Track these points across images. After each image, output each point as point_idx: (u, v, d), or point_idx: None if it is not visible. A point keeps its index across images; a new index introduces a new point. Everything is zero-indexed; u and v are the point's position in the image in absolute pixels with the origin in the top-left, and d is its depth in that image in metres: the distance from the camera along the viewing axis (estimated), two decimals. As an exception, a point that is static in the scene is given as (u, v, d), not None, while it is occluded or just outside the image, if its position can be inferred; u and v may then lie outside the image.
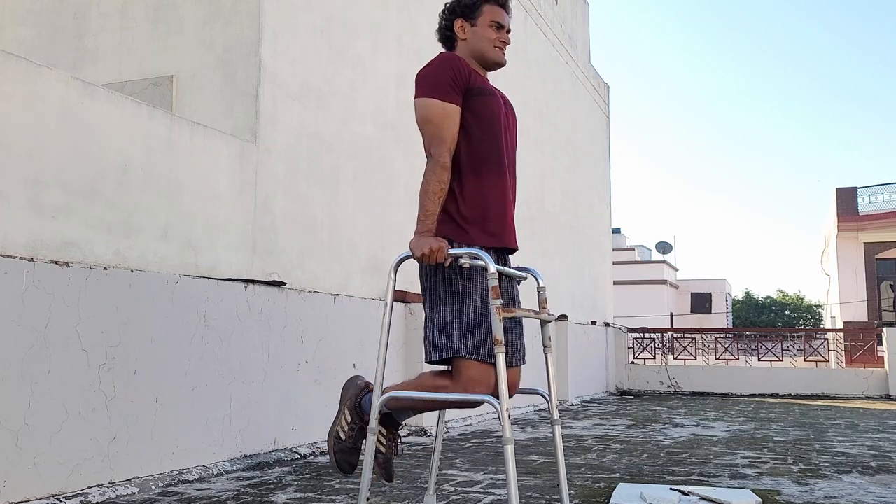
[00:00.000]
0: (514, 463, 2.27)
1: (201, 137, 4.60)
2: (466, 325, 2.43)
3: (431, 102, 2.56)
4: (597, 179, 13.10)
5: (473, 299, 2.47)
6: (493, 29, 2.71)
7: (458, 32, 2.73)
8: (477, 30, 2.71)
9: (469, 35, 2.72)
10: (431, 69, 2.61)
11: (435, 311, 2.50)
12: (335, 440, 2.71)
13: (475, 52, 2.72)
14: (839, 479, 4.45)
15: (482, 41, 2.71)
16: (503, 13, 2.74)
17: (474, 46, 2.72)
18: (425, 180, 2.51)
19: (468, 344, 2.42)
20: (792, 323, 50.96)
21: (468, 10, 2.72)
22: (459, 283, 2.48)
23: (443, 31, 2.78)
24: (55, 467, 3.48)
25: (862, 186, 24.32)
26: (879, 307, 22.17)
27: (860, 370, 12.48)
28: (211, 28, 5.21)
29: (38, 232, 3.58)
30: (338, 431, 2.70)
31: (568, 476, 4.33)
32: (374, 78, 6.34)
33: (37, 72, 3.66)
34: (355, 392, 2.74)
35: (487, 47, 2.71)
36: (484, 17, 2.70)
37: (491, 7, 2.72)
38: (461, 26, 2.73)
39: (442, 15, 2.78)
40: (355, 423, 2.69)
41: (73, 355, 3.59)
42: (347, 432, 2.69)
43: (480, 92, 2.63)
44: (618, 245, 31.29)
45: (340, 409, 2.75)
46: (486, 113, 2.63)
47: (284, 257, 5.20)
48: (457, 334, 2.43)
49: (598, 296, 12.79)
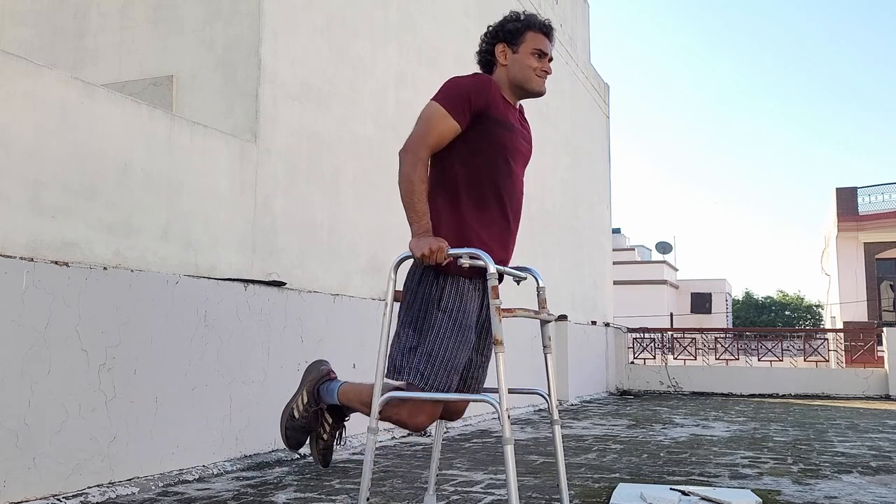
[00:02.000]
0: (514, 463, 2.27)
1: (201, 137, 4.60)
2: (429, 356, 2.44)
3: (437, 108, 2.55)
4: (597, 179, 13.10)
5: (443, 334, 2.46)
6: (534, 57, 2.67)
7: (500, 57, 2.70)
8: (518, 57, 2.67)
9: (510, 61, 2.68)
10: (458, 82, 2.59)
11: (404, 332, 2.51)
12: (289, 417, 2.79)
13: (514, 79, 2.69)
14: (839, 479, 4.45)
15: (523, 69, 2.67)
16: (546, 41, 2.70)
17: (514, 73, 2.68)
18: (408, 181, 2.50)
19: (425, 374, 2.43)
20: (792, 323, 50.96)
21: (511, 35, 2.68)
22: (435, 313, 2.47)
23: (483, 54, 2.74)
24: (55, 467, 3.48)
25: (862, 186, 24.32)
26: (879, 307, 22.17)
27: (860, 370, 12.48)
28: (211, 28, 5.21)
29: (38, 232, 3.57)
30: (292, 409, 2.79)
31: (568, 476, 4.33)
32: (374, 78, 6.34)
33: (37, 72, 3.65)
34: (317, 377, 2.80)
35: (528, 75, 2.68)
36: (526, 45, 2.67)
37: (534, 34, 2.68)
38: (503, 51, 2.69)
39: (483, 38, 2.74)
40: (310, 406, 2.77)
41: (73, 355, 3.59)
42: (302, 412, 2.77)
43: (498, 123, 2.59)
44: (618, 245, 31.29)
45: (299, 389, 2.82)
46: (493, 143, 2.58)
47: (284, 257, 5.20)
48: (417, 361, 2.44)
49: (598, 296, 12.79)
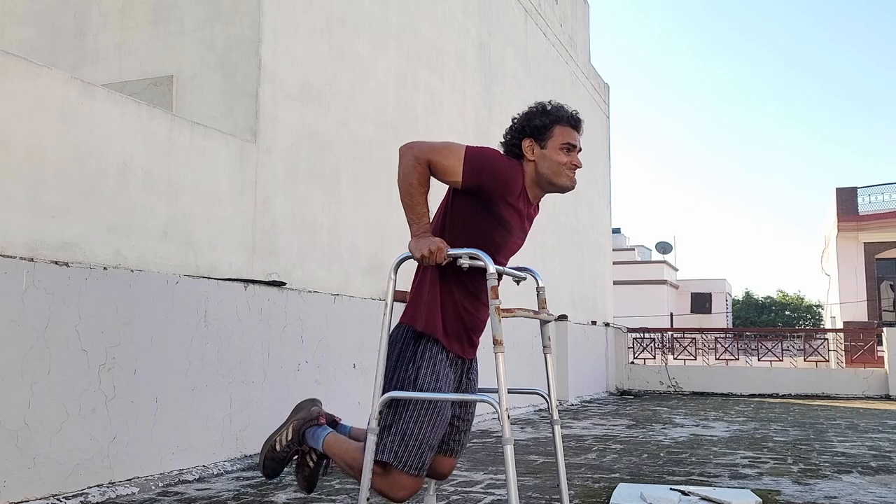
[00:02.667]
0: (514, 463, 2.27)
1: (201, 137, 4.60)
2: (402, 435, 2.44)
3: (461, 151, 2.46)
4: (597, 179, 13.10)
5: (418, 415, 2.45)
6: (563, 152, 2.56)
7: (527, 153, 2.58)
8: (546, 153, 2.56)
9: (538, 157, 2.57)
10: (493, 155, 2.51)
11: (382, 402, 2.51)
12: (270, 448, 2.79)
13: (542, 175, 2.58)
14: (839, 479, 4.45)
15: (552, 165, 2.56)
16: (575, 134, 2.59)
17: (542, 170, 2.57)
18: (406, 183, 2.47)
19: (399, 454, 2.43)
20: (792, 323, 50.94)
21: (538, 131, 2.56)
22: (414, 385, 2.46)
23: (510, 147, 2.62)
24: (55, 467, 3.48)
25: (862, 186, 24.31)
26: (879, 307, 22.17)
27: (860, 370, 12.47)
28: (211, 28, 5.21)
29: (38, 232, 3.57)
30: (275, 442, 2.79)
31: (568, 476, 4.33)
32: (374, 78, 6.34)
33: (37, 72, 3.66)
34: (306, 417, 2.80)
35: (557, 172, 2.57)
36: (554, 140, 2.56)
37: (562, 129, 2.57)
38: (530, 146, 2.57)
39: (508, 134, 2.63)
40: (293, 445, 2.78)
41: (73, 355, 3.59)
42: (284, 447, 2.78)
43: (497, 220, 2.52)
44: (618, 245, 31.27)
45: (286, 423, 2.82)
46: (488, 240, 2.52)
47: (284, 257, 5.20)
48: (391, 440, 2.45)
49: (598, 296, 12.79)
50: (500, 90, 8.97)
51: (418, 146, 2.51)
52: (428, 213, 2.51)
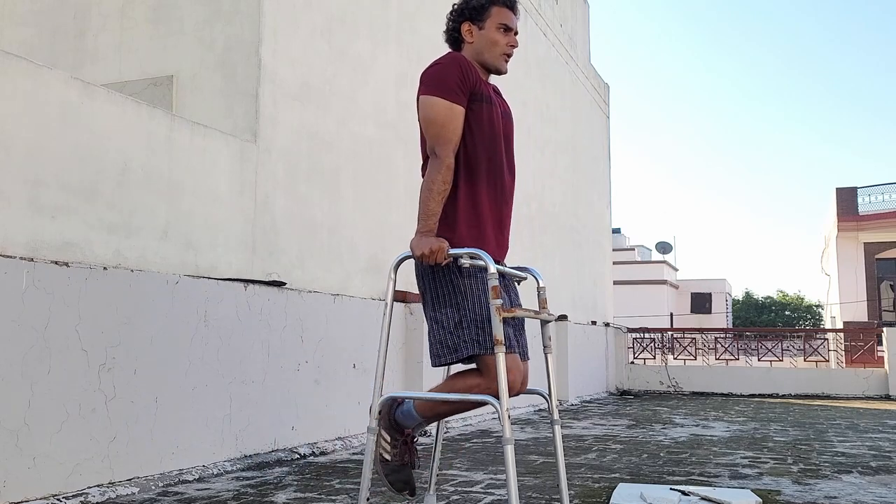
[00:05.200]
0: (514, 463, 2.27)
1: (201, 137, 4.60)
2: (475, 322, 2.43)
3: (438, 101, 2.54)
4: (597, 179, 13.10)
5: (477, 296, 2.46)
6: (500, 32, 2.67)
7: (465, 35, 2.69)
8: (484, 33, 2.67)
9: (476, 38, 2.68)
10: (440, 68, 2.58)
11: (441, 314, 2.49)
12: (381, 463, 2.65)
13: (479, 56, 2.69)
14: (839, 479, 4.45)
15: (488, 46, 2.67)
16: (511, 15, 2.70)
17: (480, 50, 2.68)
18: (429, 180, 2.50)
19: (481, 340, 2.42)
20: (792, 323, 50.95)
21: (476, 12, 2.67)
22: (460, 281, 2.47)
23: (450, 33, 2.73)
24: (55, 467, 3.48)
25: (862, 186, 24.33)
26: (879, 307, 22.17)
27: (860, 370, 12.47)
28: (211, 28, 5.21)
29: (38, 232, 3.57)
30: (381, 454, 2.65)
31: (568, 476, 4.33)
32: (374, 78, 6.34)
33: (37, 72, 3.65)
34: (385, 412, 2.68)
35: (492, 53, 2.68)
36: (492, 20, 2.66)
37: (499, 9, 2.67)
38: (468, 29, 2.69)
39: (449, 16, 2.74)
40: (396, 440, 2.65)
41: (73, 355, 3.59)
42: (391, 451, 2.65)
43: (481, 98, 2.61)
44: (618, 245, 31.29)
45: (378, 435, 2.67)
46: (485, 121, 2.61)
47: (284, 257, 5.20)
48: (468, 333, 2.43)
49: (598, 296, 12.79)
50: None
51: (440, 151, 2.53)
52: (438, 214, 2.51)
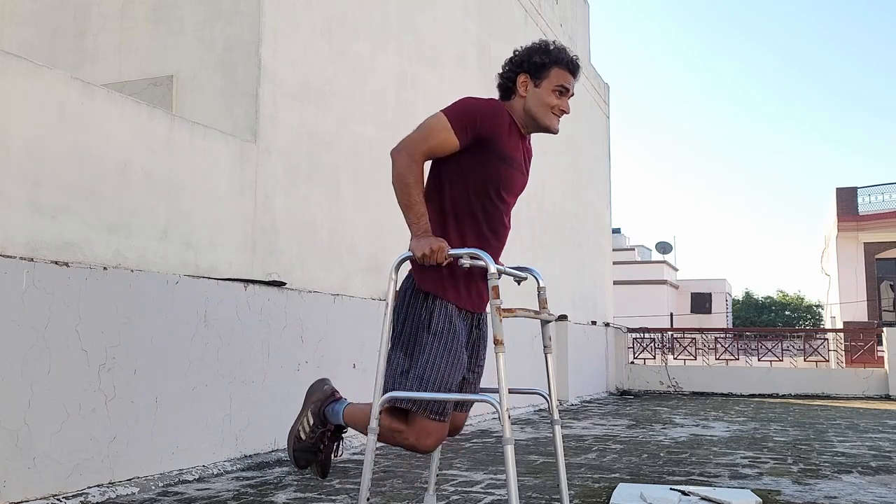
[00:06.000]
0: (514, 463, 2.27)
1: (201, 137, 4.60)
2: (421, 379, 2.43)
3: (442, 119, 2.51)
4: (597, 179, 13.10)
5: (435, 357, 2.44)
6: (555, 94, 2.61)
7: (520, 88, 2.63)
8: (539, 91, 2.61)
9: (529, 93, 2.62)
10: (471, 101, 2.55)
11: (395, 356, 2.50)
12: (295, 439, 2.77)
13: (529, 113, 2.63)
14: (839, 479, 4.45)
15: (541, 105, 2.61)
16: (571, 79, 2.64)
17: (531, 107, 2.62)
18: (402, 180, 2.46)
19: (418, 400, 2.43)
20: (792, 323, 50.95)
21: (536, 68, 2.61)
22: (425, 336, 2.46)
23: (505, 81, 2.67)
24: (55, 467, 3.48)
25: (862, 186, 24.32)
26: (879, 307, 22.17)
27: (860, 370, 12.47)
28: (211, 28, 5.21)
29: (38, 232, 3.57)
30: (299, 431, 2.77)
31: (568, 476, 4.33)
32: (374, 78, 6.34)
33: (37, 72, 3.65)
34: (321, 398, 2.80)
35: (544, 112, 2.62)
36: (549, 80, 2.61)
37: (559, 71, 2.61)
38: (524, 82, 2.63)
39: (506, 66, 2.67)
40: (317, 428, 2.76)
41: (73, 355, 3.59)
42: (309, 434, 2.76)
43: (497, 157, 2.54)
44: (618, 245, 31.27)
45: (303, 411, 2.81)
46: (493, 178, 2.54)
47: (284, 257, 5.20)
48: (409, 385, 2.44)
49: (598, 296, 12.79)
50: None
51: (409, 146, 2.53)
52: (426, 212, 2.50)
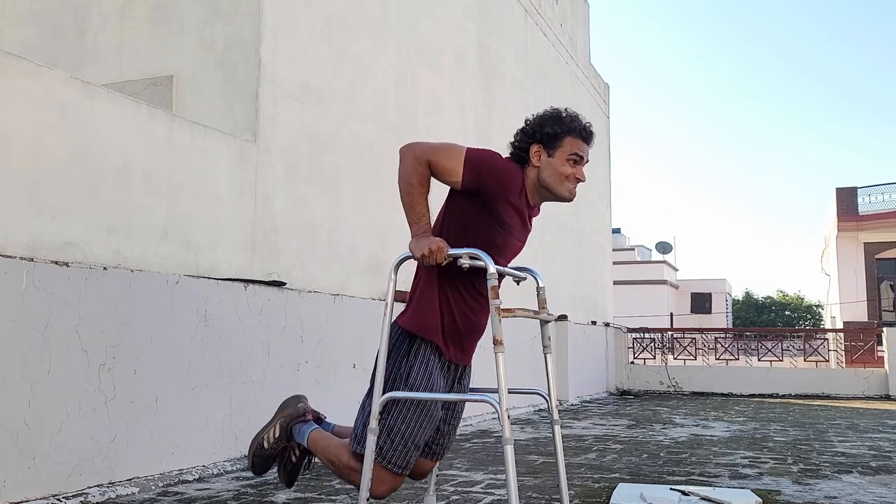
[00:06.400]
0: (514, 463, 2.27)
1: (201, 137, 4.60)
2: (389, 431, 2.44)
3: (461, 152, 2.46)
4: (597, 179, 13.10)
5: (407, 412, 2.45)
6: (569, 164, 2.54)
7: (533, 158, 2.56)
8: (552, 161, 2.54)
9: (543, 164, 2.55)
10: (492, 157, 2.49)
11: (368, 403, 2.51)
12: (258, 446, 2.82)
13: (543, 182, 2.57)
14: (839, 479, 4.45)
15: (555, 176, 2.54)
16: (585, 147, 2.57)
17: (544, 177, 2.56)
18: (406, 181, 2.46)
19: (384, 450, 2.44)
20: (792, 323, 50.92)
21: (549, 138, 2.54)
22: (402, 389, 2.45)
23: (517, 151, 2.60)
24: (55, 467, 3.48)
25: (862, 186, 24.32)
26: (879, 307, 22.16)
27: (860, 370, 12.47)
28: (211, 28, 5.21)
29: (38, 232, 3.57)
30: (263, 440, 2.82)
31: (568, 476, 4.33)
32: (374, 78, 6.34)
33: (37, 72, 3.65)
34: (292, 415, 2.83)
35: (559, 182, 2.55)
36: (563, 150, 2.54)
37: (573, 140, 2.55)
38: (537, 152, 2.55)
39: (518, 136, 2.61)
40: (281, 442, 2.81)
41: (73, 355, 3.59)
42: (272, 444, 2.81)
43: (497, 222, 2.50)
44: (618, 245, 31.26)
45: (272, 421, 2.85)
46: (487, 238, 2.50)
47: (284, 257, 5.20)
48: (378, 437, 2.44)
49: (598, 296, 12.79)
50: (500, 90, 8.97)
51: (419, 146, 2.50)
52: (428, 213, 2.50)
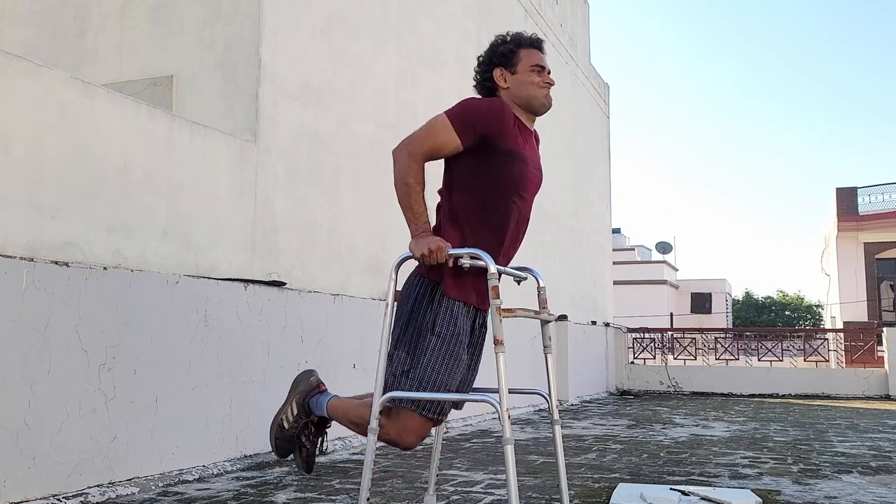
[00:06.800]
0: (514, 463, 2.27)
1: (201, 137, 4.60)
2: (420, 381, 2.44)
3: (443, 119, 2.51)
4: (597, 179, 13.10)
5: (436, 359, 2.45)
6: (534, 73, 2.61)
7: (500, 82, 2.63)
8: (518, 76, 2.61)
9: (511, 82, 2.62)
10: (472, 102, 2.54)
11: (397, 355, 2.51)
12: (278, 428, 2.83)
13: (520, 100, 2.63)
14: (839, 479, 4.45)
15: (525, 88, 2.61)
16: (541, 55, 2.65)
17: (519, 93, 2.62)
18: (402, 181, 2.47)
19: (418, 399, 2.45)
20: (792, 323, 50.93)
21: (505, 58, 2.63)
22: (429, 338, 2.47)
23: (482, 83, 2.67)
24: (55, 467, 3.48)
25: (862, 186, 24.32)
26: (879, 307, 22.17)
27: (860, 370, 12.48)
28: (211, 28, 5.21)
29: (38, 232, 3.57)
30: (282, 421, 2.82)
31: (568, 476, 4.33)
32: (374, 78, 6.34)
33: (37, 72, 3.65)
34: (307, 388, 2.84)
35: (530, 93, 2.62)
36: (523, 63, 2.61)
37: (527, 51, 2.63)
38: (501, 75, 2.63)
39: (477, 68, 2.68)
40: (301, 418, 2.81)
41: (73, 355, 3.59)
42: (292, 424, 2.81)
43: (507, 154, 2.53)
44: (618, 245, 31.27)
45: (288, 400, 2.85)
46: (503, 176, 2.54)
47: (284, 257, 5.20)
48: (409, 385, 2.45)
49: (598, 296, 12.79)
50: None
51: (409, 145, 2.54)
52: (426, 212, 2.51)
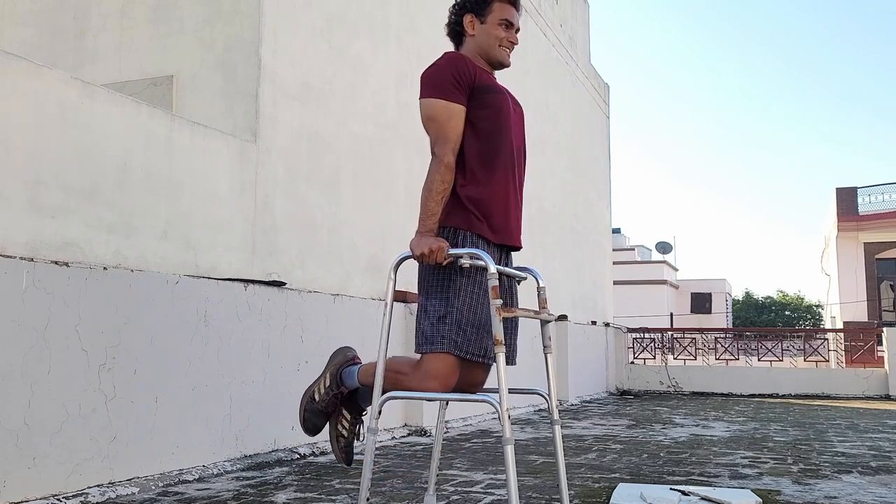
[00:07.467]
0: (514, 463, 2.27)
1: (201, 137, 4.60)
2: (458, 323, 2.45)
3: (435, 102, 2.57)
4: (597, 179, 13.10)
5: (469, 297, 2.48)
6: (501, 27, 2.70)
7: (468, 27, 2.73)
8: (486, 27, 2.70)
9: (477, 31, 2.71)
10: (436, 69, 2.61)
11: (430, 303, 2.52)
12: (309, 399, 2.82)
13: (481, 50, 2.72)
14: (839, 479, 4.45)
15: (489, 39, 2.70)
16: (513, 11, 2.73)
17: (481, 43, 2.72)
18: (429, 179, 2.51)
19: (458, 341, 2.45)
20: (792, 323, 50.94)
21: (478, 6, 2.71)
22: (458, 279, 2.49)
23: (452, 25, 2.77)
24: (55, 467, 3.47)
25: (862, 186, 24.33)
26: (879, 307, 22.17)
27: (860, 370, 12.47)
28: (211, 28, 5.21)
29: (38, 232, 3.57)
30: (314, 392, 2.82)
31: (568, 476, 4.33)
32: (374, 78, 6.34)
33: (37, 72, 3.65)
34: (341, 361, 2.83)
35: (493, 45, 2.71)
36: (494, 15, 2.70)
37: (501, 5, 2.71)
38: (471, 21, 2.72)
39: (452, 9, 2.78)
40: (331, 390, 2.79)
41: (73, 355, 3.59)
42: (322, 395, 2.80)
43: (488, 90, 2.63)
44: (618, 245, 31.27)
45: (323, 373, 2.85)
46: (494, 110, 2.63)
47: (284, 257, 5.20)
48: (448, 329, 2.46)
49: (598, 296, 12.79)
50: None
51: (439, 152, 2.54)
52: (439, 214, 2.52)
